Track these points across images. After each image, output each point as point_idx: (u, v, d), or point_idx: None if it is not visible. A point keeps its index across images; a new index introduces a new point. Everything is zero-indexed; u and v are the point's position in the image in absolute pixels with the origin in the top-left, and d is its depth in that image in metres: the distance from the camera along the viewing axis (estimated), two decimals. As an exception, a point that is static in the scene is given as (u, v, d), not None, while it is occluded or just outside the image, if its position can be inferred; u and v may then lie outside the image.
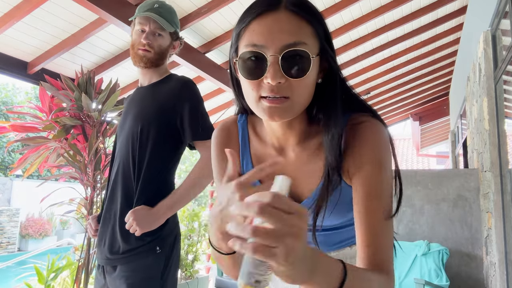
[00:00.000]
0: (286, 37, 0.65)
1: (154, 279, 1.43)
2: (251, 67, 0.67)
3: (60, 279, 3.68)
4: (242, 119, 0.88)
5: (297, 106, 0.69)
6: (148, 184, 1.46)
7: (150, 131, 1.49)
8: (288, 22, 0.66)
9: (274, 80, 0.64)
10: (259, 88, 0.67)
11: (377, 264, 0.67)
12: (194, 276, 4.44)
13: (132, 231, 1.40)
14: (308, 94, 0.70)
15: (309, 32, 0.68)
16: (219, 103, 5.88)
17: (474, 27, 3.92)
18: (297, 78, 0.66)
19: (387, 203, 0.71)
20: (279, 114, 0.67)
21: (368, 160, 0.72)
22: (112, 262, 1.47)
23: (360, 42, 4.84)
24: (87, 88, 3.10)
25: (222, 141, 0.87)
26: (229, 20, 3.79)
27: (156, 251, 1.44)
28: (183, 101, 1.51)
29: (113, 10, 2.75)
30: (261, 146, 0.84)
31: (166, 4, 1.58)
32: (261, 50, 0.65)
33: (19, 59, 3.51)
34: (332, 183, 0.73)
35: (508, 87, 3.10)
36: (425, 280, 2.83)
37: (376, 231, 0.69)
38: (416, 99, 8.36)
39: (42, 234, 11.81)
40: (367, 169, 0.72)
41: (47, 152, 3.00)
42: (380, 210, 0.70)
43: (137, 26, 1.55)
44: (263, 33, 0.66)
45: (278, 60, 0.64)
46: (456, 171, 4.06)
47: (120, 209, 1.48)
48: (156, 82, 1.60)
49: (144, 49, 1.53)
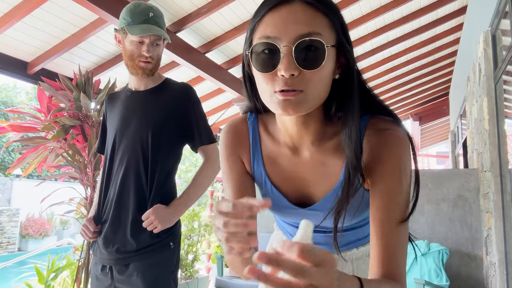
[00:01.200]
0: (300, 27, 0.63)
1: (168, 273, 1.52)
2: (265, 59, 0.65)
3: (60, 279, 3.68)
4: (252, 117, 0.85)
5: (311, 100, 0.66)
6: (161, 185, 1.54)
7: (160, 135, 1.54)
8: (303, 13, 0.64)
9: (288, 71, 0.62)
10: (273, 81, 0.64)
11: (390, 273, 0.67)
12: (194, 276, 4.44)
13: (151, 228, 1.46)
14: (324, 87, 0.67)
15: (324, 23, 0.65)
16: (219, 103, 5.89)
17: (474, 27, 3.92)
18: (311, 69, 0.63)
19: (404, 212, 0.70)
20: (292, 108, 0.64)
21: (390, 170, 0.71)
22: (124, 261, 1.49)
23: (360, 42, 4.84)
24: (86, 88, 3.10)
25: (232, 141, 0.85)
26: (229, 20, 3.79)
27: (170, 247, 1.52)
28: (187, 106, 1.58)
29: (113, 10, 2.75)
30: (274, 145, 0.82)
31: (158, 10, 1.57)
32: (274, 41, 0.63)
33: (19, 59, 3.51)
34: (353, 186, 0.71)
35: (508, 87, 3.10)
36: (425, 280, 2.83)
37: (391, 241, 0.69)
38: (416, 99, 8.37)
39: (42, 234, 11.81)
40: (388, 179, 0.71)
41: (45, 152, 3.00)
42: (396, 219, 0.69)
43: (135, 37, 1.52)
44: (277, 25, 0.64)
45: (291, 51, 0.62)
46: (456, 171, 4.06)
47: (132, 211, 1.50)
48: (155, 88, 1.61)
49: (146, 61, 1.54)
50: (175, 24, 3.55)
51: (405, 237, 0.71)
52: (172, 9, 3.39)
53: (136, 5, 1.54)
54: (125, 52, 1.57)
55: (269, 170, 0.83)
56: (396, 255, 0.68)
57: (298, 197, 0.83)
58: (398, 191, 0.70)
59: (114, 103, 1.67)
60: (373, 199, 0.72)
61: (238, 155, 0.85)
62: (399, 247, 0.69)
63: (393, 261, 0.68)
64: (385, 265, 0.68)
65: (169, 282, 1.51)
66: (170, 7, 3.35)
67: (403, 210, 0.70)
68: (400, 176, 0.70)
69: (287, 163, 0.81)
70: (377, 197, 0.71)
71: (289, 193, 0.83)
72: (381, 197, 0.71)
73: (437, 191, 3.65)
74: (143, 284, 1.45)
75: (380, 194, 0.71)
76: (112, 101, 1.69)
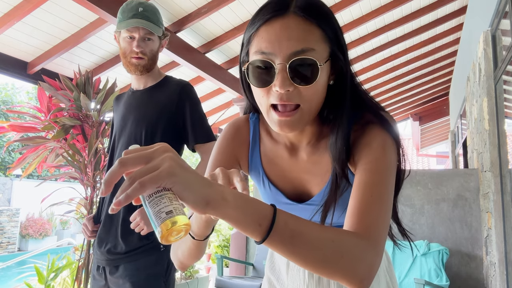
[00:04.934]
0: (293, 44, 0.64)
1: (158, 277, 1.46)
2: (260, 75, 0.67)
3: (60, 279, 3.69)
4: (254, 117, 0.88)
5: (307, 115, 0.69)
6: None
7: (154, 134, 1.52)
8: (296, 28, 0.66)
9: (283, 88, 0.64)
10: (269, 95, 0.67)
11: (358, 226, 0.62)
12: (194, 276, 4.44)
13: (139, 230, 1.42)
14: (318, 99, 0.70)
15: (318, 37, 0.67)
16: (219, 103, 5.89)
17: (474, 27, 3.92)
18: (305, 85, 0.66)
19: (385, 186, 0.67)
20: (288, 127, 0.68)
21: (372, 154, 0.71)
22: (114, 262, 1.48)
23: (360, 42, 4.84)
24: (86, 88, 3.09)
25: (230, 136, 0.87)
26: (229, 20, 3.79)
27: (160, 249, 1.47)
28: (184, 104, 1.55)
29: (113, 10, 2.75)
30: (273, 145, 0.85)
31: (149, 5, 1.55)
32: (269, 58, 0.65)
33: (19, 59, 3.51)
34: (339, 185, 0.73)
35: (508, 87, 3.10)
36: (425, 280, 2.83)
37: (367, 198, 0.65)
38: (416, 99, 8.37)
39: (42, 234, 11.81)
40: (370, 166, 0.69)
41: (45, 152, 3.00)
42: (376, 187, 0.66)
43: (125, 33, 1.52)
44: (271, 41, 0.66)
45: (286, 68, 0.64)
46: (456, 171, 4.06)
47: (122, 211, 1.49)
48: (153, 86, 1.61)
49: (138, 57, 1.53)
50: (175, 24, 3.55)
51: (384, 202, 0.66)
52: (172, 9, 3.39)
53: (128, 3, 1.55)
54: (120, 50, 1.58)
55: (267, 168, 0.86)
56: (370, 212, 0.63)
57: (295, 194, 0.85)
58: (379, 170, 0.69)
59: (119, 104, 1.68)
60: (355, 179, 0.70)
61: (234, 153, 0.87)
62: (376, 207, 0.65)
63: (365, 216, 0.63)
64: (355, 218, 0.63)
65: (158, 286, 1.46)
66: (170, 7, 3.35)
67: (384, 184, 0.67)
68: (381, 159, 0.69)
69: (284, 163, 0.84)
70: (358, 175, 0.70)
71: (286, 190, 0.86)
72: (363, 174, 0.69)
73: (437, 191, 3.65)
74: (131, 287, 1.42)
75: (362, 171, 0.69)
76: (118, 101, 1.71)
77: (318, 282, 0.94)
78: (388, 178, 0.69)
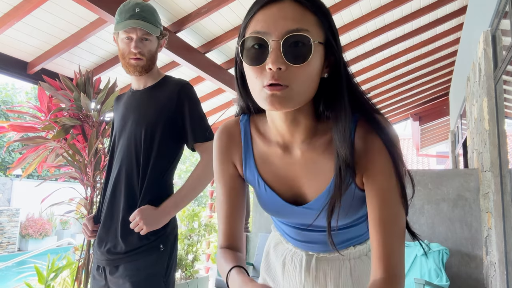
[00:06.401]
0: (289, 23, 0.66)
1: (158, 277, 1.46)
2: (254, 53, 0.68)
3: (60, 279, 3.69)
4: (244, 119, 0.87)
5: (297, 96, 0.68)
6: (152, 185, 1.49)
7: (154, 133, 1.51)
8: (292, 10, 0.67)
9: (275, 64, 0.64)
10: (262, 75, 0.67)
11: (386, 273, 0.70)
12: (194, 276, 4.44)
13: (138, 230, 1.42)
14: (310, 83, 0.70)
15: (313, 21, 0.68)
16: (219, 103, 5.89)
17: (474, 27, 3.92)
18: (298, 64, 0.66)
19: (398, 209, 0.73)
20: (279, 102, 0.67)
21: (382, 170, 0.73)
22: (114, 262, 1.48)
23: (360, 42, 4.84)
24: (86, 88, 3.09)
25: (223, 143, 0.87)
26: (229, 20, 3.79)
27: (159, 249, 1.47)
28: (183, 104, 1.54)
29: (113, 10, 2.75)
30: (265, 145, 0.83)
31: (146, 5, 1.55)
32: (263, 36, 0.66)
33: (19, 59, 3.51)
34: (345, 182, 0.73)
35: (508, 87, 3.10)
36: (425, 280, 2.83)
37: (391, 244, 0.71)
38: (416, 99, 8.36)
39: (42, 234, 11.81)
40: (380, 179, 0.73)
41: (46, 152, 3.00)
42: (395, 224, 0.72)
43: (123, 34, 1.52)
44: (267, 21, 0.67)
45: (279, 46, 0.65)
46: (456, 171, 4.06)
47: (122, 210, 1.49)
48: (153, 86, 1.61)
49: (136, 58, 1.53)
50: (175, 24, 3.55)
51: (402, 235, 0.73)
52: (172, 9, 3.39)
53: (125, 4, 1.55)
54: (119, 51, 1.58)
55: (262, 170, 0.85)
56: (394, 253, 0.71)
57: (292, 196, 0.84)
58: (390, 187, 0.73)
59: (119, 104, 1.68)
60: (369, 199, 0.75)
61: (230, 158, 0.87)
62: (397, 245, 0.72)
63: (391, 259, 0.70)
64: (383, 264, 0.70)
65: (158, 286, 1.46)
66: (170, 7, 3.35)
67: (398, 208, 0.73)
68: (392, 175, 0.73)
69: (279, 162, 0.82)
70: (371, 198, 0.74)
71: (283, 192, 0.84)
72: (375, 198, 0.74)
73: (437, 191, 3.65)
74: (131, 287, 1.42)
75: (374, 194, 0.74)
76: (118, 102, 1.71)
77: (314, 282, 0.94)
78: (400, 207, 0.73)
